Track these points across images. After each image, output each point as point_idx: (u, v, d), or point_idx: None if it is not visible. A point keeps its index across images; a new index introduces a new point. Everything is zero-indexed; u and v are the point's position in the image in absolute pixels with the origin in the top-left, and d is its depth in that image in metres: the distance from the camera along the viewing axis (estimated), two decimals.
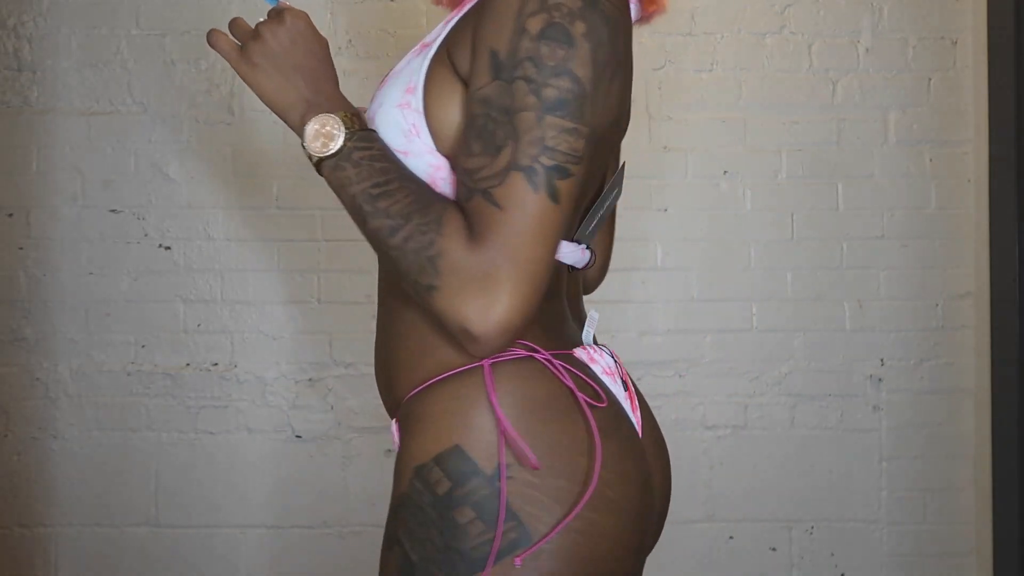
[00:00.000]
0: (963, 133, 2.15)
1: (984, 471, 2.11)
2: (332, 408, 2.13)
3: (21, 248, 2.11)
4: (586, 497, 0.82)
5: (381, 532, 0.90)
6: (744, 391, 2.15)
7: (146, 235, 2.12)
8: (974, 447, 2.15)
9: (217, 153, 2.12)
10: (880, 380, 2.15)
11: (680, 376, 2.14)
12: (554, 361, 0.86)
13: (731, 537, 2.15)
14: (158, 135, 2.12)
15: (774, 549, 2.15)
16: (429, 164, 0.86)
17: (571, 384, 0.86)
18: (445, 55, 0.86)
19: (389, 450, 2.12)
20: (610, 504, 0.84)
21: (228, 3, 2.12)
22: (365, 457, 2.13)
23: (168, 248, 2.12)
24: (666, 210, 2.12)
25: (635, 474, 0.87)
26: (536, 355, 0.86)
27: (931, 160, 2.15)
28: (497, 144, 0.78)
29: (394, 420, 0.94)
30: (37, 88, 2.11)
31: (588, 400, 0.86)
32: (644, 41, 2.14)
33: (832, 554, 2.15)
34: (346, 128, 0.85)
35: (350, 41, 2.13)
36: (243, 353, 2.12)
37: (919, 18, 2.15)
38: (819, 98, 2.15)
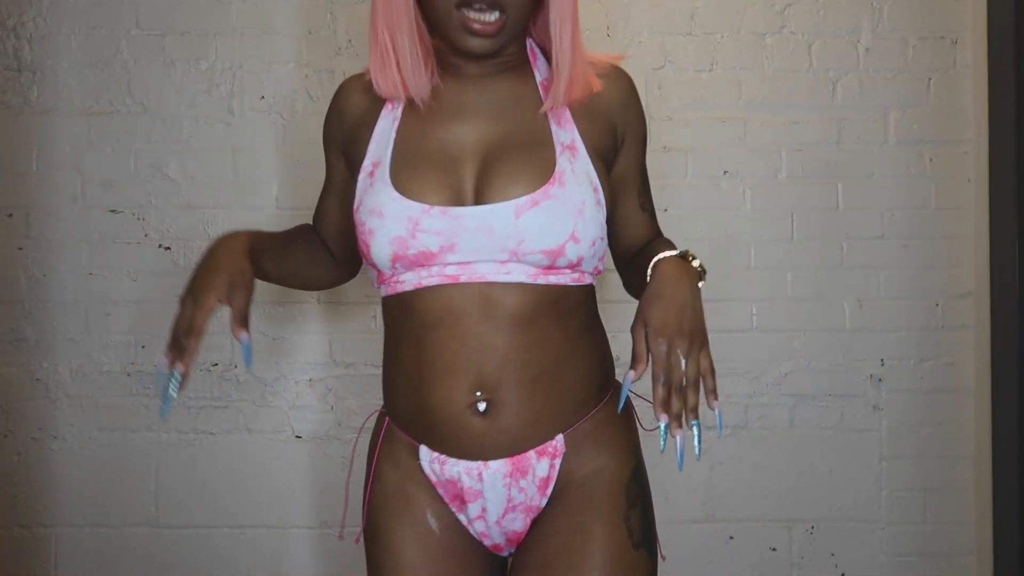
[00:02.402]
0: (963, 133, 2.15)
1: (984, 471, 2.11)
2: (332, 408, 2.13)
3: (21, 248, 2.11)
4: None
5: None
6: (744, 391, 2.15)
7: (146, 235, 2.12)
8: (974, 447, 2.15)
9: (217, 153, 2.12)
10: (880, 380, 2.15)
11: None
12: None
13: (731, 537, 2.15)
14: (158, 135, 2.12)
15: (774, 549, 2.15)
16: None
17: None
18: (595, 153, 1.19)
19: None
20: None
21: (228, 3, 2.12)
22: (365, 457, 2.12)
23: (168, 248, 2.12)
24: (666, 210, 2.11)
25: None
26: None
27: (931, 160, 2.15)
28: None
29: (561, 435, 1.18)
30: (37, 88, 2.11)
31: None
32: (644, 41, 2.14)
33: (832, 554, 2.15)
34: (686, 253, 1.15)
35: (350, 41, 2.12)
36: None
37: (919, 18, 2.15)
38: (819, 98, 2.15)
